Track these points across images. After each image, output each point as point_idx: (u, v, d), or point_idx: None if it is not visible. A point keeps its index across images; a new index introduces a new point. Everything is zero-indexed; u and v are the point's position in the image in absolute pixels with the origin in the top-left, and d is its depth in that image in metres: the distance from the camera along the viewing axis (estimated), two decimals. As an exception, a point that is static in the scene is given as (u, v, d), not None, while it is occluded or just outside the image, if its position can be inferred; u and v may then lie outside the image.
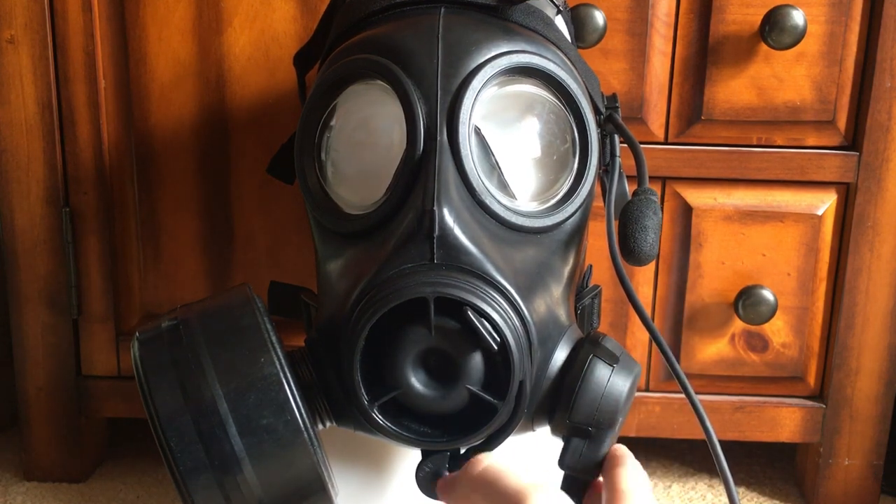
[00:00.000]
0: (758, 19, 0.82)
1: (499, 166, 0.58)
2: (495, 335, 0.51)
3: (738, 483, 0.98)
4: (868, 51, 0.83)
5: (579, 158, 0.59)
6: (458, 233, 0.52)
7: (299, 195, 0.63)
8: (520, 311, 0.53)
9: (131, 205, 0.89)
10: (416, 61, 0.56)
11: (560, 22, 0.69)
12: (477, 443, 0.54)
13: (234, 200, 0.89)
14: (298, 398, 0.51)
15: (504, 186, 0.58)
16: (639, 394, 0.91)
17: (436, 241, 0.52)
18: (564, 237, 0.58)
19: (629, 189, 0.69)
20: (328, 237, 0.59)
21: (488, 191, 0.55)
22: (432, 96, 0.55)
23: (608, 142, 0.68)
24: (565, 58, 0.62)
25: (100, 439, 0.99)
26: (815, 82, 0.84)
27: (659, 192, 0.85)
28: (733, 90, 0.84)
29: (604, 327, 0.89)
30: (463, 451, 0.55)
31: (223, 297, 0.56)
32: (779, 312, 0.88)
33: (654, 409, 0.91)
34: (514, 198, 0.58)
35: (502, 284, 0.53)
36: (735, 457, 1.03)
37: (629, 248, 0.58)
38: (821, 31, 0.83)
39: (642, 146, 0.64)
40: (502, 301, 0.52)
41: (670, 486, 0.97)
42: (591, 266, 0.75)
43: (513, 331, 0.51)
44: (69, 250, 0.89)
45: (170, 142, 0.87)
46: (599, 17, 0.81)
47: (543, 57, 0.58)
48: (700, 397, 0.66)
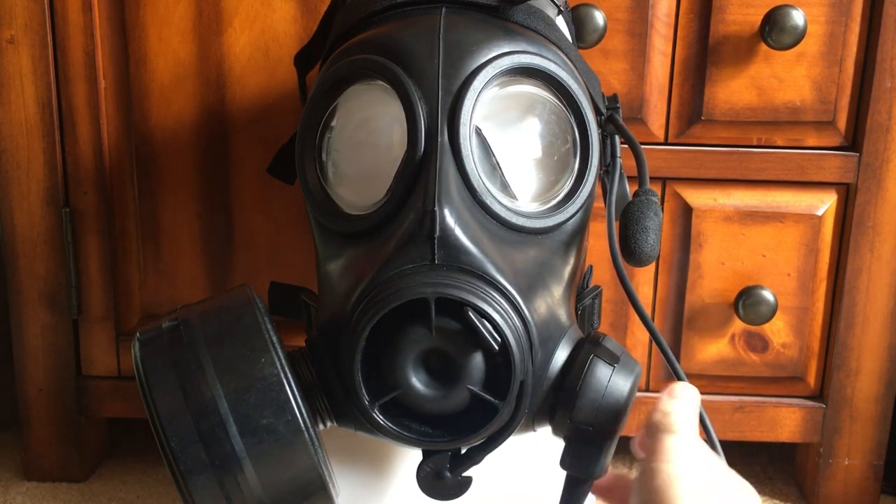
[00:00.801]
0: (758, 19, 0.82)
1: (500, 167, 0.58)
2: (496, 335, 0.51)
3: (737, 483, 0.98)
4: (868, 51, 0.83)
5: (580, 159, 0.59)
6: (458, 233, 0.52)
7: (299, 195, 0.63)
8: (520, 311, 0.53)
9: (131, 205, 0.89)
10: (416, 61, 0.56)
11: (561, 22, 0.69)
12: (478, 443, 0.54)
13: (234, 201, 0.89)
14: (299, 398, 0.51)
15: (505, 187, 0.58)
16: (639, 394, 0.90)
17: (437, 242, 0.52)
18: (565, 238, 0.58)
19: (630, 190, 0.70)
20: (329, 237, 0.59)
21: (489, 191, 0.55)
22: (433, 97, 0.55)
23: (609, 142, 0.68)
24: (566, 58, 0.62)
25: (100, 439, 0.99)
26: (815, 83, 0.84)
27: (659, 193, 0.85)
28: (733, 90, 0.84)
29: (604, 327, 0.89)
30: (463, 451, 0.55)
31: (223, 298, 0.56)
32: (779, 313, 0.88)
33: (654, 410, 0.91)
34: (515, 198, 0.58)
35: (503, 285, 0.53)
36: (735, 457, 1.02)
37: (630, 249, 0.58)
38: (821, 31, 0.83)
39: (642, 146, 0.64)
40: (503, 301, 0.52)
41: (670, 487, 0.97)
42: (592, 266, 0.75)
43: (513, 331, 0.51)
44: (69, 250, 0.89)
45: (170, 142, 0.87)
46: (599, 17, 0.81)
47: (544, 57, 0.58)
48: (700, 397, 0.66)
